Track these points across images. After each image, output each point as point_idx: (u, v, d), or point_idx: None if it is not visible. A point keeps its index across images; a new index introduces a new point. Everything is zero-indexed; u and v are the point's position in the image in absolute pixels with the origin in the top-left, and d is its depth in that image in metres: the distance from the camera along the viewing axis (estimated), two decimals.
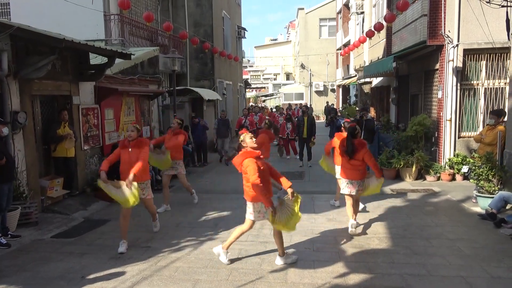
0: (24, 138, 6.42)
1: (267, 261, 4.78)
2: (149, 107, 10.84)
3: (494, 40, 8.57)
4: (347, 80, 24.78)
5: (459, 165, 8.86)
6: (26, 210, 6.02)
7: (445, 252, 4.98)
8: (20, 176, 6.29)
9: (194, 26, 15.98)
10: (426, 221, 6.24)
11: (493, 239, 5.39)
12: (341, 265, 4.63)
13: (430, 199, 7.61)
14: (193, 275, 4.46)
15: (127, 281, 4.32)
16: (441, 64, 9.39)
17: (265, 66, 56.36)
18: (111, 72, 8.49)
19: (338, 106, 28.35)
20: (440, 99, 9.44)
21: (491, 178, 6.89)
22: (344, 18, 24.99)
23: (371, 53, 17.15)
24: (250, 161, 4.42)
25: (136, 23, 11.23)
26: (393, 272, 4.43)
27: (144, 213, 7.00)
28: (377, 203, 7.39)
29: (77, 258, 4.99)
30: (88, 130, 8.10)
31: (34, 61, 6.22)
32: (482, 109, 9.21)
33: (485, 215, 6.19)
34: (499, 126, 7.46)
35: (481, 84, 9.18)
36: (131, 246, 5.37)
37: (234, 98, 20.95)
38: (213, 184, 9.18)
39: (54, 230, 6.04)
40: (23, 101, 6.41)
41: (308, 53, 32.32)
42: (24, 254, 5.12)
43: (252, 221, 4.68)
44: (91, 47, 6.78)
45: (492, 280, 4.20)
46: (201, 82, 16.03)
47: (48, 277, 4.45)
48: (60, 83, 7.27)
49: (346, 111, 19.42)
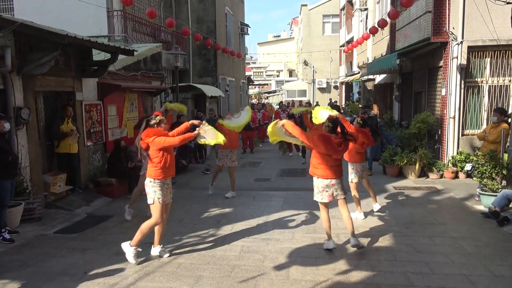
0: (28, 134, 6.44)
1: (269, 258, 4.78)
2: (152, 104, 10.85)
3: (499, 37, 8.51)
4: (350, 77, 24.68)
5: (462, 163, 8.82)
6: (30, 205, 6.05)
7: (447, 250, 4.97)
8: (24, 172, 6.32)
9: (197, 22, 15.96)
10: (429, 219, 6.22)
11: (496, 238, 5.37)
12: (343, 262, 4.63)
13: (433, 197, 7.59)
14: (196, 271, 4.47)
15: (130, 277, 4.33)
16: (445, 61, 9.34)
17: (268, 62, 56.18)
18: (114, 68, 8.49)
19: (341, 103, 28.27)
20: (444, 96, 9.39)
21: (494, 176, 6.87)
22: (348, 15, 24.85)
23: (374, 50, 17.07)
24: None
25: (139, 19, 11.22)
26: (395, 270, 4.42)
27: (147, 208, 7.03)
28: (380, 200, 7.36)
29: (80, 253, 5.01)
30: (91, 126, 8.11)
31: (37, 57, 6.23)
32: (486, 107, 9.16)
33: (488, 213, 6.17)
34: (503, 124, 7.42)
35: (485, 82, 9.13)
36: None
37: (236, 94, 20.95)
38: (216, 181, 9.17)
39: (57, 226, 6.07)
40: (26, 97, 6.42)
41: (311, 50, 32.18)
42: (27, 250, 5.15)
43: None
44: (94, 43, 6.78)
45: (495, 278, 4.19)
46: (204, 79, 16.03)
47: (51, 272, 4.47)
48: (63, 79, 7.28)
49: (349, 108, 19.36)
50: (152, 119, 4.78)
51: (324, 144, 4.65)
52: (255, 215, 6.55)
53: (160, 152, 4.60)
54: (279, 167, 10.96)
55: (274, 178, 9.75)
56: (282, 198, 7.65)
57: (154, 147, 4.58)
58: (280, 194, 8.03)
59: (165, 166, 4.64)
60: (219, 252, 5.01)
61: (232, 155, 7.69)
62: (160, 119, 4.76)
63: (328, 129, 4.78)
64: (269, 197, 7.78)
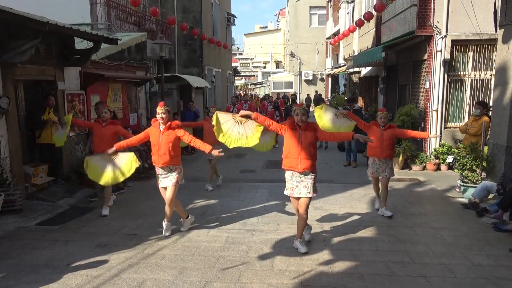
0: (7, 123, 6.28)
1: (254, 249, 4.81)
2: (136, 94, 10.69)
3: (482, 32, 8.65)
4: (336, 69, 24.79)
5: (444, 155, 8.99)
6: (10, 197, 5.92)
7: (428, 240, 5.08)
8: (3, 163, 6.17)
9: (183, 11, 15.72)
10: (411, 210, 6.34)
11: (475, 228, 5.52)
12: (327, 253, 4.69)
13: (415, 188, 7.73)
14: (180, 262, 4.47)
15: (113, 269, 4.30)
16: (429, 54, 9.45)
17: (255, 54, 55.97)
18: (97, 58, 8.32)
19: (327, 96, 28.40)
20: (428, 89, 9.52)
21: (475, 168, 7.03)
22: (335, 7, 24.86)
23: (360, 43, 17.15)
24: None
25: (123, 8, 10.99)
26: (377, 259, 4.50)
27: (132, 200, 6.98)
28: (363, 191, 7.48)
29: (62, 245, 4.94)
30: (73, 116, 7.95)
31: (17, 45, 6.03)
32: (468, 100, 9.33)
33: (468, 205, 6.32)
34: (484, 117, 7.58)
35: (468, 76, 9.28)
36: (117, 233, 5.35)
37: (223, 85, 20.81)
38: (201, 172, 9.15)
39: (39, 218, 5.96)
40: (6, 86, 6.25)
41: (298, 42, 32.18)
42: (8, 242, 5.06)
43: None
44: (76, 31, 6.61)
45: (473, 267, 4.31)
46: (190, 69, 15.86)
47: (33, 264, 4.40)
48: (44, 68, 7.10)
49: (334, 100, 19.47)
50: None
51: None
52: (241, 207, 6.56)
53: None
54: (264, 159, 10.98)
55: (260, 169, 9.77)
56: (267, 190, 7.68)
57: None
58: (265, 185, 8.06)
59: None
60: (204, 243, 5.02)
61: (216, 148, 7.60)
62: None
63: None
64: (254, 189, 7.80)
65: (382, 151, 5.85)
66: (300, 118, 4.54)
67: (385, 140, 5.82)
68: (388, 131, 5.86)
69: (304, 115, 4.55)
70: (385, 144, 5.83)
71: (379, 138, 5.80)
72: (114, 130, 6.25)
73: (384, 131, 5.87)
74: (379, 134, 5.83)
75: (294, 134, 4.58)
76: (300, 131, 4.57)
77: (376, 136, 5.78)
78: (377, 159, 5.95)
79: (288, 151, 4.62)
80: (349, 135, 4.74)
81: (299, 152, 4.53)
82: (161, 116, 5.03)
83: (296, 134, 4.57)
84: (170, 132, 5.06)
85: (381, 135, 5.83)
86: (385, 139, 5.83)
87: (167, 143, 5.00)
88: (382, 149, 5.85)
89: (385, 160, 5.91)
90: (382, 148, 5.84)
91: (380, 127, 5.90)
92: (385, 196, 6.05)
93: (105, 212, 6.13)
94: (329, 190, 7.56)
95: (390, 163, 5.99)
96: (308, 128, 4.58)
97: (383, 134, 5.84)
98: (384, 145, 5.83)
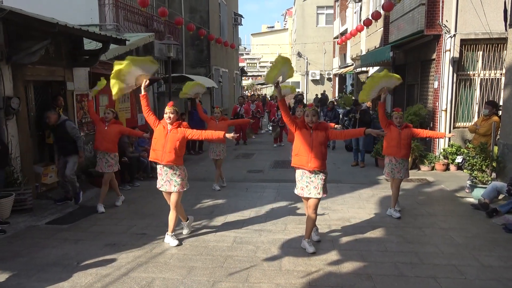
0: (18, 124, 6.36)
1: (262, 249, 4.81)
2: None
3: (492, 31, 8.55)
4: (343, 69, 24.68)
5: (453, 155, 8.91)
6: (21, 196, 5.99)
7: (437, 241, 5.04)
8: (14, 163, 6.25)
9: (190, 12, 15.78)
10: (420, 211, 6.30)
11: (485, 229, 5.46)
12: (335, 253, 4.68)
13: (424, 188, 7.67)
14: (188, 262, 4.49)
15: (122, 268, 4.34)
16: (438, 54, 9.37)
17: (262, 54, 55.97)
18: (106, 58, 8.38)
19: (334, 95, 28.30)
20: (436, 89, 9.45)
21: (484, 168, 6.96)
22: (342, 6, 24.76)
23: (368, 42, 17.06)
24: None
25: (131, 8, 11.07)
26: (386, 260, 4.48)
27: (140, 199, 7.03)
28: (371, 191, 7.44)
29: (72, 244, 4.99)
30: (82, 117, 8.03)
31: (27, 46, 6.11)
32: (478, 100, 9.24)
33: (478, 205, 6.26)
34: (494, 116, 7.50)
35: (477, 75, 9.19)
36: (126, 233, 5.39)
37: (230, 85, 20.84)
38: (208, 172, 9.18)
39: (49, 217, 6.03)
40: (16, 87, 6.32)
41: (305, 41, 32.08)
42: (19, 240, 5.12)
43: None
44: (85, 32, 6.67)
45: (483, 268, 4.26)
46: (197, 69, 15.91)
47: (43, 263, 4.45)
48: (53, 68, 7.17)
49: (342, 100, 19.40)
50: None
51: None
52: (248, 207, 6.57)
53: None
54: (272, 159, 10.98)
55: (267, 169, 9.77)
56: (275, 190, 7.68)
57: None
58: (273, 185, 8.06)
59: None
60: (212, 243, 5.03)
61: (218, 148, 7.62)
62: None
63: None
64: (262, 189, 7.80)
65: (399, 150, 5.84)
66: (310, 119, 4.56)
67: (402, 140, 5.82)
68: (405, 131, 5.87)
69: (314, 116, 4.57)
70: (402, 143, 5.82)
71: (397, 137, 5.81)
72: (117, 129, 6.39)
73: (401, 130, 5.87)
74: (397, 133, 5.84)
75: (305, 133, 4.61)
76: (311, 130, 4.59)
77: (393, 135, 5.81)
78: (394, 159, 5.93)
79: (299, 149, 4.63)
80: (361, 131, 4.73)
81: (310, 151, 4.54)
82: (168, 115, 5.04)
83: (307, 134, 4.60)
84: (178, 130, 5.06)
85: (398, 134, 5.83)
86: (403, 138, 5.82)
87: (175, 141, 4.99)
88: (400, 148, 5.83)
89: (401, 160, 5.90)
90: (400, 147, 5.83)
91: (397, 126, 5.90)
92: (396, 197, 6.02)
93: (101, 209, 6.26)
94: (337, 190, 7.54)
95: (406, 164, 5.97)
96: (319, 127, 4.60)
97: (400, 133, 5.84)
98: (402, 144, 5.82)
